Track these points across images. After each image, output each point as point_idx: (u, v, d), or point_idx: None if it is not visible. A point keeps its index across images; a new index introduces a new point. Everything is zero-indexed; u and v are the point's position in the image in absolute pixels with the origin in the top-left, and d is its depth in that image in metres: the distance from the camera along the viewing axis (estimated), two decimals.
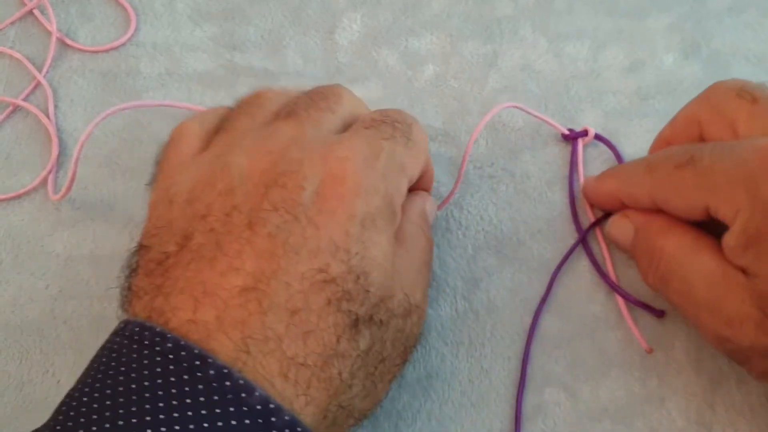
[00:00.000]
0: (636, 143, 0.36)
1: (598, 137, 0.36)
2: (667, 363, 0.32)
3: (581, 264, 0.34)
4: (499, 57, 0.39)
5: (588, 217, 0.35)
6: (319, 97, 0.30)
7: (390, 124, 0.29)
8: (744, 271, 0.27)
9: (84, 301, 0.33)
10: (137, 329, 0.23)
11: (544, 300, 0.33)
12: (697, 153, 0.28)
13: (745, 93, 0.29)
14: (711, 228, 0.29)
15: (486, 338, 0.32)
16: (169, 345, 0.22)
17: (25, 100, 0.37)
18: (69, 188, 0.33)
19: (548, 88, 0.38)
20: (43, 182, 0.35)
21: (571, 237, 0.34)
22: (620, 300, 0.32)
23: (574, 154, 0.36)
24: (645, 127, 0.37)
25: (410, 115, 0.31)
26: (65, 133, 0.36)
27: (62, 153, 0.36)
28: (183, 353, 0.22)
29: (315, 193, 0.25)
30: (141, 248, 0.26)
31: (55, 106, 0.37)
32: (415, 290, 0.28)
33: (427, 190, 0.33)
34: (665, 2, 0.40)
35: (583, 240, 0.34)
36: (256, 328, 0.23)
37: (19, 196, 0.35)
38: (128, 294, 0.26)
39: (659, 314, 0.32)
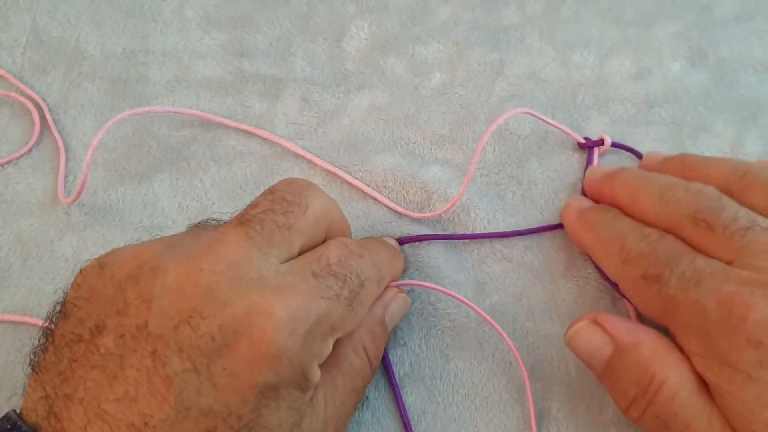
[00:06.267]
0: (642, 151, 0.36)
1: (615, 145, 0.36)
2: None
3: (587, 271, 0.34)
4: (505, 65, 0.39)
5: None
6: (280, 207, 0.27)
7: (341, 278, 0.26)
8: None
9: None
10: None
11: None
12: (666, 273, 0.27)
13: (700, 221, 0.27)
14: None
15: (490, 342, 0.32)
16: None
17: (35, 105, 0.37)
18: (79, 193, 0.33)
19: (555, 96, 0.38)
20: (54, 187, 0.35)
21: None
22: (630, 307, 0.32)
23: (589, 163, 0.36)
24: (652, 135, 0.37)
25: (377, 256, 0.29)
26: (75, 139, 0.37)
27: (72, 158, 0.36)
28: None
29: (225, 345, 0.23)
30: (62, 315, 0.25)
31: (66, 112, 0.37)
32: (332, 424, 0.27)
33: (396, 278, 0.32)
34: (672, 10, 0.41)
35: None
36: None
37: (29, 201, 0.35)
38: (37, 361, 0.25)
39: None
